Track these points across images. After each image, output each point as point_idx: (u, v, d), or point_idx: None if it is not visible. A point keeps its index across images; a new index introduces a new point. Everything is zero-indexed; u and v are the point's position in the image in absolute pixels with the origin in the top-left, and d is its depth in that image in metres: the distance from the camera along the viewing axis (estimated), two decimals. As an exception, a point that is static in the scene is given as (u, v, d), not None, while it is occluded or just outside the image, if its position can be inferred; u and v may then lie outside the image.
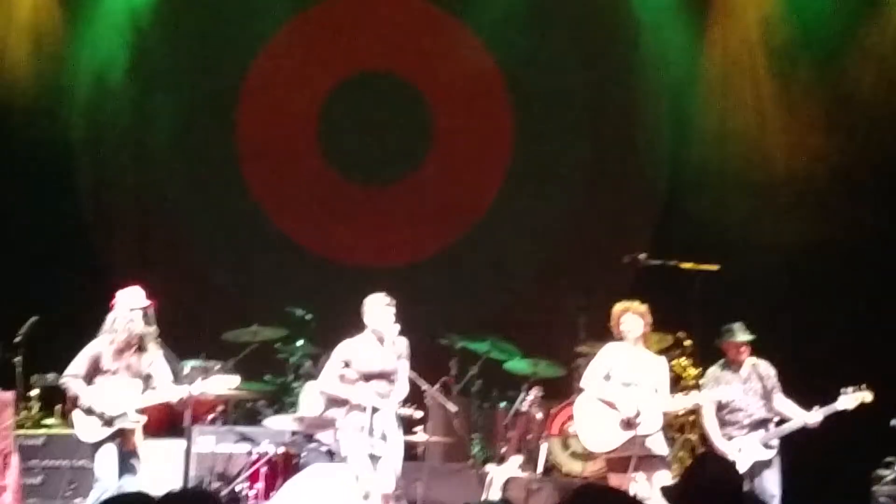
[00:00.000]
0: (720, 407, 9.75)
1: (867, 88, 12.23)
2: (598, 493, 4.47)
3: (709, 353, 10.42)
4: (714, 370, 9.93)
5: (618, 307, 9.53)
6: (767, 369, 9.84)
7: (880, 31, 12.32)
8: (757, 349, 9.92)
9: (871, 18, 12.36)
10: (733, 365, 9.86)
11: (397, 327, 9.28)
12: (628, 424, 9.23)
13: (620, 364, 9.42)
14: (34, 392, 10.94)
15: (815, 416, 9.58)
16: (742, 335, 9.84)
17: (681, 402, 9.52)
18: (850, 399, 9.49)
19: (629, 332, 9.43)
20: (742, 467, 9.43)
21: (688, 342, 11.26)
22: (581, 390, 9.63)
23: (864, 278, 11.81)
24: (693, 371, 11.01)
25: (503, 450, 10.78)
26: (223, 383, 9.25)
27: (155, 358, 9.00)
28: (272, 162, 13.47)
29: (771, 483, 9.57)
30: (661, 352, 10.26)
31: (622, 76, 13.23)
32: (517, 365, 11.63)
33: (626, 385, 9.34)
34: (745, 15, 12.91)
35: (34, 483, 10.11)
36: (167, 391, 8.98)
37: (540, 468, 10.44)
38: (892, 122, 12.05)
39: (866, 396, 9.50)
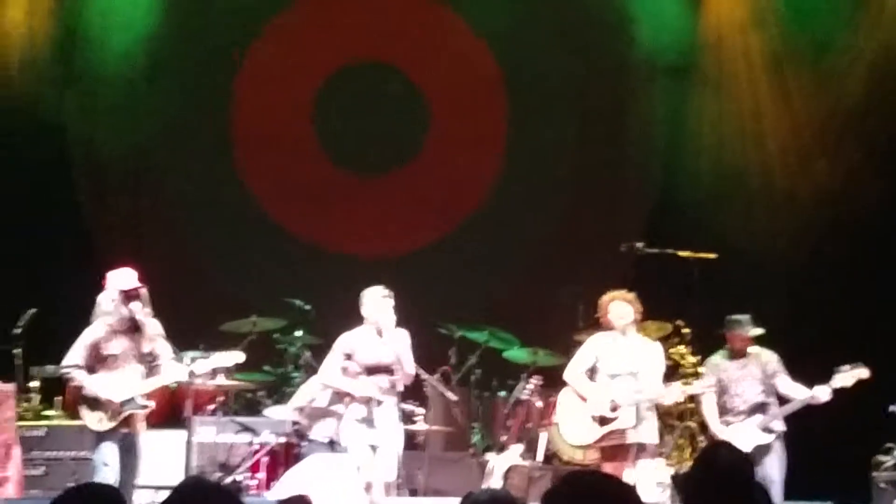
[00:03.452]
0: (720, 393, 9.77)
1: (859, 82, 12.26)
2: (586, 479, 4.42)
3: (707, 340, 10.45)
4: (714, 358, 9.92)
5: (605, 297, 9.48)
6: (769, 356, 9.82)
7: (873, 27, 12.34)
8: (757, 338, 9.92)
9: (864, 15, 12.39)
10: (736, 355, 9.85)
11: (394, 319, 9.28)
12: (603, 420, 9.23)
13: (606, 355, 9.37)
14: (34, 384, 10.92)
15: (825, 390, 9.44)
16: (751, 329, 9.80)
17: (663, 393, 9.45)
18: (847, 377, 9.42)
19: (618, 321, 9.37)
20: (742, 453, 9.43)
21: (686, 330, 11.29)
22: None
23: (859, 267, 11.84)
24: (692, 359, 11.03)
25: (503, 438, 10.80)
26: (228, 358, 9.21)
27: (155, 338, 8.90)
28: (268, 152, 13.45)
29: (772, 469, 9.55)
30: (659, 340, 10.25)
31: (616, 63, 13.24)
32: (516, 354, 11.66)
33: (612, 377, 9.28)
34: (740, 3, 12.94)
35: (36, 474, 10.08)
36: (172, 371, 8.91)
37: (540, 456, 10.47)
38: (885, 116, 12.08)
39: (863, 373, 9.41)
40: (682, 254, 11.07)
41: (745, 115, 12.83)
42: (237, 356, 9.25)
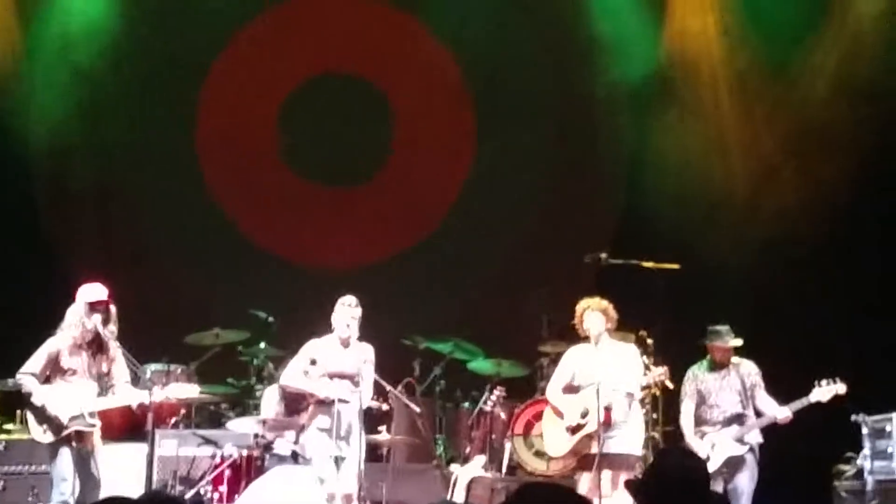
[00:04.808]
0: (699, 403, 9.80)
1: (824, 88, 12.33)
2: (540, 491, 4.42)
3: (670, 350, 10.47)
4: (694, 368, 9.98)
5: (581, 304, 9.56)
6: (749, 367, 9.90)
7: (836, 36, 12.43)
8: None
9: (827, 23, 12.47)
10: (716, 365, 9.89)
11: (356, 329, 9.27)
12: (575, 428, 9.27)
13: (583, 367, 9.43)
14: (-7, 398, 10.84)
15: (784, 411, 9.61)
16: (730, 340, 9.86)
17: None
18: (824, 392, 9.53)
19: (591, 329, 9.44)
20: (715, 463, 9.48)
21: (650, 341, 11.29)
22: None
23: (823, 275, 11.89)
24: (656, 370, 11.01)
25: (467, 450, 10.79)
26: (182, 391, 9.16)
27: (115, 358, 8.88)
28: (234, 163, 13.42)
29: (742, 480, 9.62)
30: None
31: (583, 77, 13.26)
32: (481, 365, 11.66)
33: (586, 388, 9.31)
34: (702, 8, 12.99)
35: (-6, 489, 10.04)
36: (125, 395, 8.87)
37: (504, 468, 10.47)
38: (849, 122, 12.15)
39: (840, 388, 9.53)
40: (645, 264, 11.07)
41: (710, 128, 12.89)
42: (192, 389, 9.20)
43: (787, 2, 12.47)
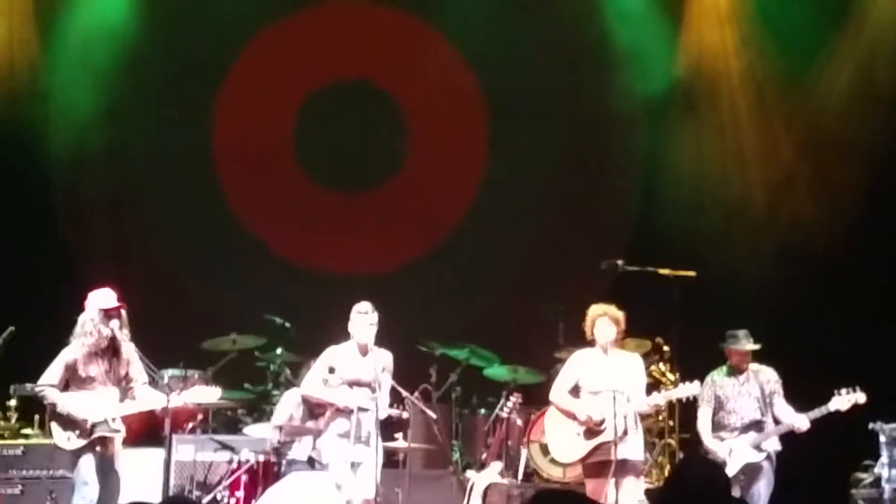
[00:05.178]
0: (716, 409, 9.79)
1: (840, 98, 12.34)
2: (556, 497, 4.42)
3: (687, 358, 10.47)
4: (713, 374, 9.96)
5: (594, 309, 9.46)
6: (769, 374, 9.87)
7: (853, 44, 12.43)
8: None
9: (843, 33, 12.47)
10: (735, 370, 9.89)
11: (372, 336, 9.27)
12: (591, 433, 9.22)
13: (588, 373, 9.37)
14: (12, 402, 10.86)
15: (802, 419, 9.59)
16: (747, 344, 9.85)
17: (647, 401, 9.47)
18: (843, 400, 9.52)
19: (601, 337, 9.38)
20: (732, 469, 9.46)
21: (666, 348, 11.31)
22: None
23: (839, 284, 11.89)
24: (671, 377, 11.05)
25: (483, 456, 10.79)
26: (203, 395, 9.19)
27: (130, 360, 8.88)
28: (249, 170, 13.45)
29: (758, 488, 9.60)
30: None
31: (597, 80, 13.27)
32: (497, 371, 11.67)
33: (594, 394, 9.26)
34: (719, 19, 13.00)
35: (13, 493, 10.04)
36: (146, 400, 8.89)
37: (520, 474, 10.47)
38: (865, 131, 12.15)
39: (860, 398, 9.53)
40: (662, 272, 11.09)
41: (727, 136, 12.90)
42: (213, 393, 9.22)
43: (803, 11, 12.47)
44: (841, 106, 12.30)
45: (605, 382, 9.23)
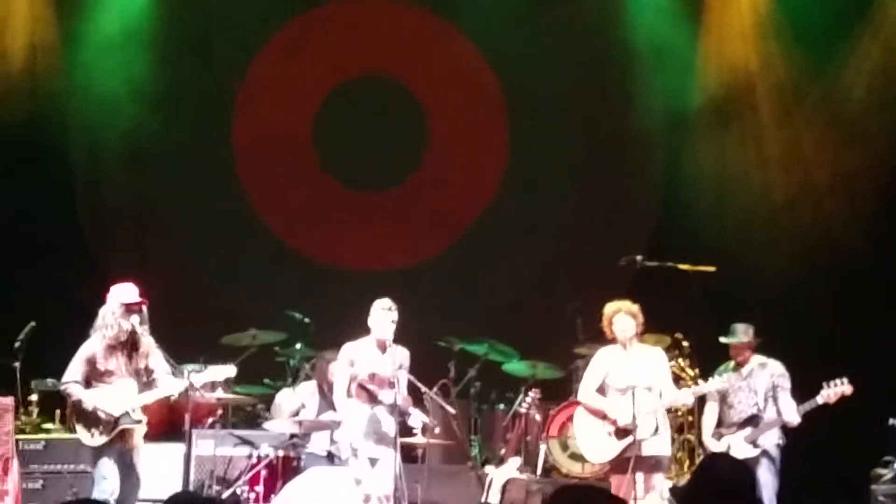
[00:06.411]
0: (720, 405, 9.77)
1: (861, 96, 12.29)
2: (577, 493, 4.40)
3: (707, 353, 10.44)
4: (720, 369, 9.94)
5: (609, 307, 9.46)
6: (774, 368, 9.81)
7: (874, 42, 12.38)
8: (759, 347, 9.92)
9: (864, 33, 12.43)
10: (738, 365, 9.86)
11: (391, 332, 9.28)
12: (624, 432, 9.20)
13: (614, 370, 9.36)
14: (34, 397, 10.93)
15: (793, 415, 9.51)
16: (741, 336, 9.83)
17: (677, 397, 9.48)
18: (830, 393, 9.44)
19: (621, 333, 9.36)
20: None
21: (685, 343, 11.30)
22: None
23: (857, 281, 11.85)
24: (691, 372, 11.04)
25: (502, 451, 10.77)
26: (221, 372, 9.25)
27: (150, 353, 8.92)
28: (269, 167, 13.49)
29: (760, 483, 9.54)
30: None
31: (618, 78, 13.25)
32: (516, 367, 11.67)
33: (622, 391, 9.25)
34: (740, 19, 12.96)
35: (34, 488, 10.10)
36: (168, 385, 8.92)
37: (539, 469, 10.47)
38: (886, 129, 12.11)
39: (846, 389, 9.42)
40: (681, 267, 11.07)
41: (748, 136, 12.85)
42: (229, 370, 9.29)
43: (823, 12, 12.41)
44: (862, 105, 12.24)
45: (631, 379, 9.22)
